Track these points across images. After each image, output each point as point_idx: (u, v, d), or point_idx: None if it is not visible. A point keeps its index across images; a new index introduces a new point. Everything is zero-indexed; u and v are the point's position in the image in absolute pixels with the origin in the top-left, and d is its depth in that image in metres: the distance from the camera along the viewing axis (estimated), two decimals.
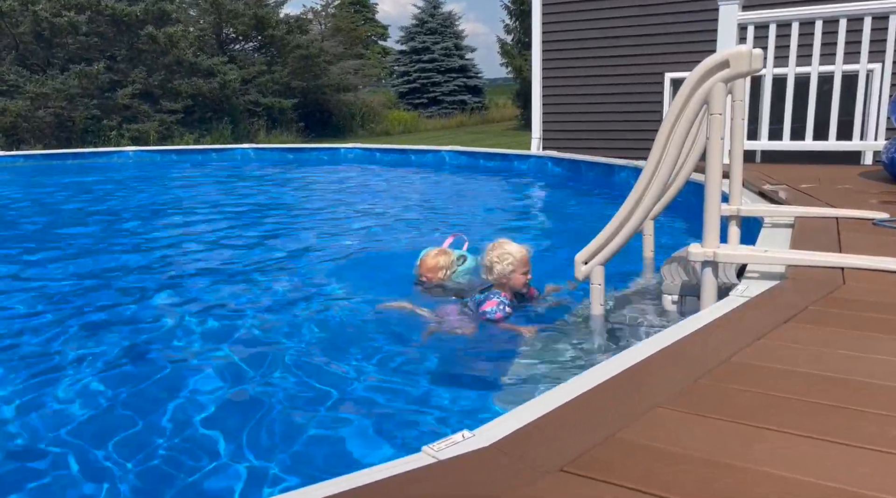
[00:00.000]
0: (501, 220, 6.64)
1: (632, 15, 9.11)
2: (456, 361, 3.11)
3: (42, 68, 17.35)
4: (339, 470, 1.92)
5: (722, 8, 5.69)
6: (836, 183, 4.87)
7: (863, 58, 5.37)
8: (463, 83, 32.73)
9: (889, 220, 3.43)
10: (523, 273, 3.53)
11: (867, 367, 1.76)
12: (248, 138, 19.11)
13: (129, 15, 17.64)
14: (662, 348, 1.94)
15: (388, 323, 3.63)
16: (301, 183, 10.05)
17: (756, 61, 2.77)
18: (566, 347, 3.12)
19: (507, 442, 1.42)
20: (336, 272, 4.66)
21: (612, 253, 3.25)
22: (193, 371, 3.03)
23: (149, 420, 2.58)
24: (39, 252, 5.51)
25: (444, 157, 10.82)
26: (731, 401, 1.59)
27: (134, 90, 17.68)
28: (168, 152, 12.92)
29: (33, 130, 16.45)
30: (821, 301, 2.31)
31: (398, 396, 2.73)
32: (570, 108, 9.77)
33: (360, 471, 1.32)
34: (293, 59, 22.93)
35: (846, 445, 1.38)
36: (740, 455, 1.35)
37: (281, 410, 2.63)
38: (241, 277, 4.63)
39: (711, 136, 2.78)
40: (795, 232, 3.36)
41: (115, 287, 4.43)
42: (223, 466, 2.27)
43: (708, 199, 2.83)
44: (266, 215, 7.22)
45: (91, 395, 2.82)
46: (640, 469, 1.31)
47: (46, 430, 2.53)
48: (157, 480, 2.21)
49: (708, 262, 2.83)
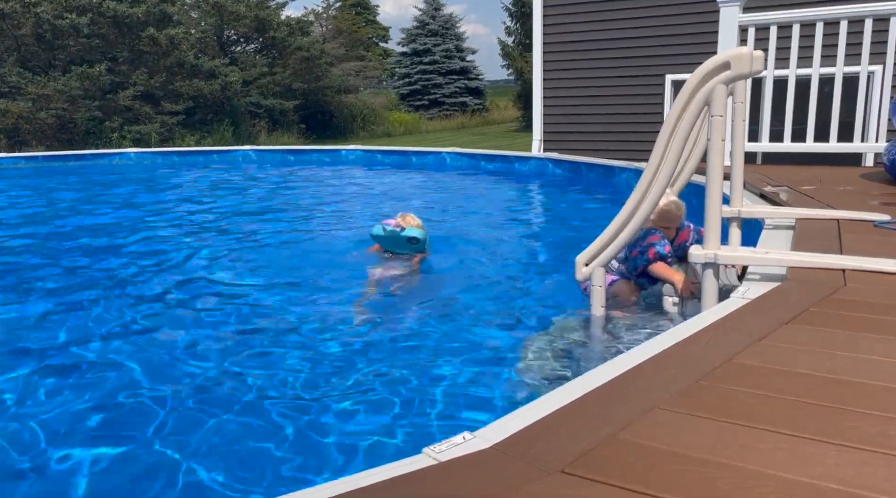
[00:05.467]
0: (502, 221, 6.64)
1: (632, 17, 9.11)
2: (456, 362, 3.11)
3: (44, 70, 17.37)
4: (340, 471, 1.92)
5: (723, 10, 5.69)
6: (837, 184, 4.87)
7: (863, 59, 5.37)
8: (464, 85, 32.74)
9: (890, 222, 3.43)
10: (665, 228, 3.55)
11: (868, 368, 1.76)
12: (250, 140, 19.13)
13: (130, 17, 17.66)
14: (663, 349, 1.94)
15: (388, 323, 3.64)
16: (301, 184, 10.05)
17: (757, 63, 2.77)
18: (567, 347, 3.12)
19: (508, 443, 1.42)
20: (337, 272, 4.67)
21: (613, 255, 3.25)
22: (194, 371, 3.04)
23: (145, 421, 2.59)
24: (38, 253, 5.52)
25: (444, 159, 10.82)
26: (732, 402, 1.59)
27: (135, 92, 17.70)
28: (169, 154, 12.93)
29: (35, 132, 16.47)
30: (822, 302, 2.31)
31: (399, 397, 2.74)
32: (571, 109, 9.77)
33: (361, 472, 1.32)
34: (294, 60, 22.96)
35: (846, 445, 1.38)
36: (741, 456, 1.35)
37: (281, 411, 2.64)
38: (241, 278, 4.63)
39: (712, 137, 2.79)
40: (796, 233, 3.36)
41: (114, 288, 4.44)
42: (224, 467, 2.28)
43: (709, 201, 2.83)
44: (266, 216, 7.22)
45: (89, 395, 2.82)
46: (641, 470, 1.31)
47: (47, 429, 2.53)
48: (134, 485, 2.21)
49: (709, 263, 2.84)
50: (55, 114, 16.51)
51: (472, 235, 5.80)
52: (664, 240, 3.46)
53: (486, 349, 3.24)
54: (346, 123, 24.74)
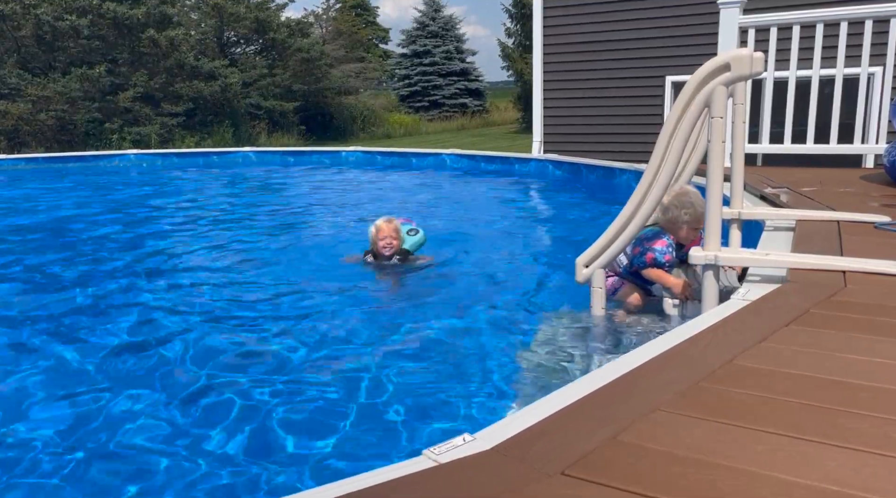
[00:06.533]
0: (502, 222, 6.64)
1: (633, 18, 9.12)
2: (455, 364, 3.10)
3: (44, 71, 17.38)
4: (339, 473, 1.92)
5: (723, 11, 5.69)
6: (838, 186, 4.87)
7: (864, 61, 5.37)
8: (464, 86, 32.75)
9: (890, 224, 3.43)
10: (695, 229, 3.39)
11: (868, 369, 1.76)
12: (250, 141, 19.14)
13: (130, 18, 17.67)
14: (663, 351, 1.94)
15: (387, 324, 3.64)
16: (301, 185, 10.05)
17: (757, 64, 2.77)
18: (567, 349, 3.12)
19: (508, 445, 1.42)
20: (336, 272, 4.67)
21: (613, 256, 3.25)
22: (193, 370, 3.04)
23: (146, 422, 2.59)
24: (37, 255, 5.52)
25: (444, 160, 10.83)
26: (732, 403, 1.59)
27: (135, 93, 17.70)
28: (169, 155, 12.94)
29: (35, 133, 16.47)
30: (822, 304, 2.31)
31: (399, 398, 2.73)
32: (571, 111, 9.77)
33: (362, 474, 1.32)
34: (294, 62, 22.98)
35: (847, 447, 1.38)
36: (741, 457, 1.35)
37: (282, 412, 2.63)
38: (240, 278, 4.63)
39: (713, 139, 2.79)
40: (797, 235, 3.36)
41: (114, 287, 4.43)
42: (224, 467, 2.27)
43: (709, 203, 2.83)
44: (266, 217, 7.22)
45: (91, 390, 2.82)
46: (641, 471, 1.31)
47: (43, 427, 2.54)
48: (147, 481, 2.21)
49: (709, 265, 2.83)
50: (55, 115, 16.51)
51: (472, 237, 5.80)
52: (669, 248, 3.37)
53: (486, 350, 3.24)
54: (346, 125, 24.76)
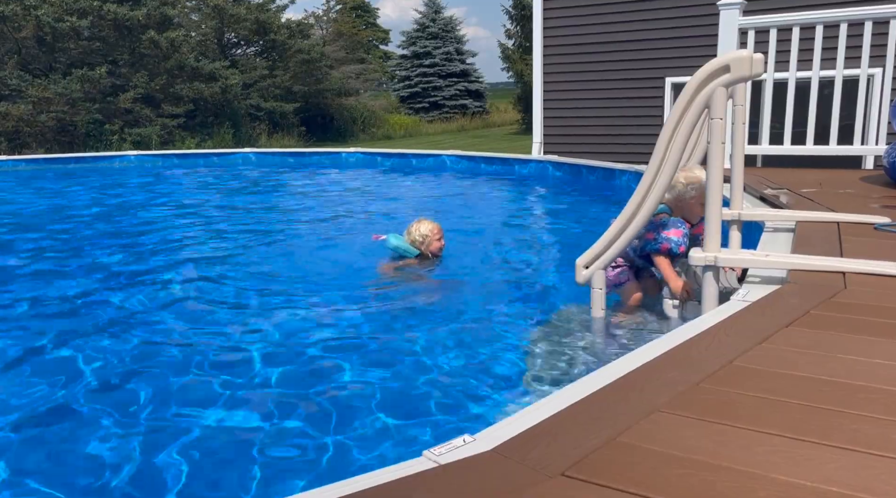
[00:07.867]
0: (501, 223, 6.64)
1: (633, 19, 9.13)
2: (455, 365, 3.11)
3: (44, 73, 17.39)
4: (339, 473, 1.92)
5: (723, 12, 5.70)
6: (838, 187, 4.87)
7: (863, 62, 5.37)
8: (464, 87, 32.79)
9: (890, 225, 3.43)
10: (702, 204, 3.31)
11: (868, 371, 1.76)
12: (250, 142, 19.16)
13: (131, 20, 17.69)
14: (663, 352, 1.94)
15: (388, 325, 3.64)
16: (301, 186, 10.05)
17: (757, 66, 2.78)
18: (567, 350, 3.12)
19: (509, 446, 1.42)
20: (337, 272, 4.67)
21: (613, 257, 3.25)
22: (193, 370, 3.04)
23: (156, 421, 2.59)
24: (36, 254, 5.52)
25: (445, 161, 10.83)
26: (733, 404, 1.59)
27: (136, 94, 17.72)
28: (169, 156, 12.95)
29: (35, 135, 16.49)
30: (822, 305, 2.31)
31: (399, 399, 2.73)
32: (571, 112, 9.78)
33: (362, 475, 1.32)
34: (295, 63, 23.00)
35: (847, 448, 1.38)
36: (741, 458, 1.35)
37: (282, 413, 2.64)
38: (240, 279, 4.63)
39: (712, 140, 2.79)
40: (797, 236, 3.36)
41: (113, 288, 4.44)
42: (225, 468, 2.27)
43: (709, 204, 2.83)
44: (266, 217, 7.22)
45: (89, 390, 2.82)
46: (642, 473, 1.31)
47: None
48: (142, 480, 2.22)
49: (709, 266, 2.84)
50: (55, 116, 16.53)
51: (472, 238, 5.80)
52: (685, 238, 3.36)
53: (486, 351, 3.24)
54: (346, 126, 24.78)
